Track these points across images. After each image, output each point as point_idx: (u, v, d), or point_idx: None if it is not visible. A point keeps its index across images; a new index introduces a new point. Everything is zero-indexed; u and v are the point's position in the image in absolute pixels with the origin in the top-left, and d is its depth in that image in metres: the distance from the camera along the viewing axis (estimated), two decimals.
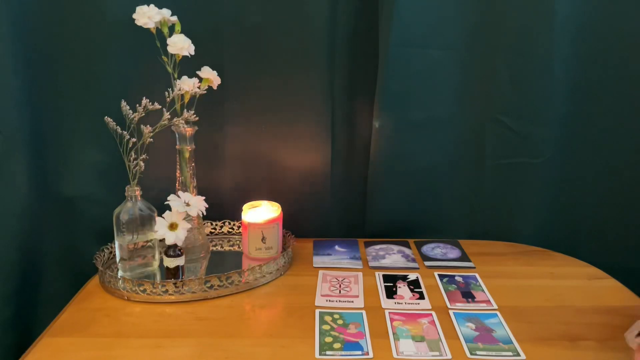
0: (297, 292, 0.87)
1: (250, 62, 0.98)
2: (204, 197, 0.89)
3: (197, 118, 0.87)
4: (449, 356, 0.70)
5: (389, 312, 0.81)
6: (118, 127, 0.84)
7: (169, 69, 0.86)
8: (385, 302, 0.84)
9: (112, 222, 0.88)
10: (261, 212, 0.96)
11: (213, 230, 1.06)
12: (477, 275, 0.93)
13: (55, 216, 0.97)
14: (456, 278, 0.92)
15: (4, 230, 0.87)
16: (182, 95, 0.86)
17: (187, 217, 0.88)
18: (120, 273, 0.90)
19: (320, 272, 0.94)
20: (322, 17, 0.95)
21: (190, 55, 0.85)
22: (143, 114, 0.84)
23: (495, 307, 0.83)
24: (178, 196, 0.88)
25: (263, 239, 0.94)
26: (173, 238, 0.85)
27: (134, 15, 0.83)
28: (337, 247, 1.03)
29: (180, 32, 0.85)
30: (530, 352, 0.71)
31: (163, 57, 0.85)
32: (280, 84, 0.99)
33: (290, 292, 0.87)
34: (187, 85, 0.85)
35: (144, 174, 0.87)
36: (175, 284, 0.83)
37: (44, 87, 0.92)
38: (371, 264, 0.97)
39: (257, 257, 0.95)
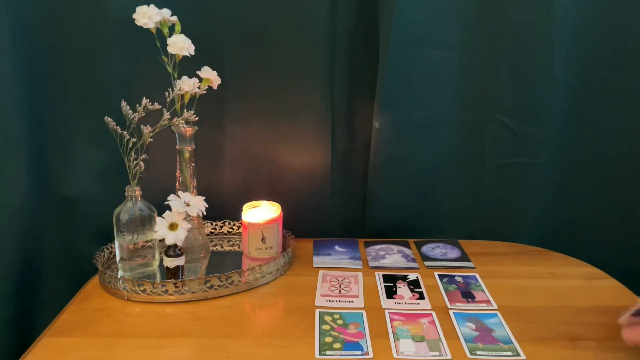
0: (297, 292, 0.87)
1: (250, 62, 0.98)
2: (204, 197, 0.89)
3: (197, 118, 0.87)
4: (449, 356, 0.70)
5: (389, 312, 0.81)
6: (118, 127, 0.84)
7: (169, 69, 0.86)
8: (385, 302, 0.84)
9: (112, 222, 0.88)
10: (261, 212, 0.96)
11: (213, 230, 1.06)
12: (477, 275, 0.93)
13: (55, 216, 0.97)
14: (456, 278, 0.92)
15: (4, 230, 0.87)
16: (182, 95, 0.86)
17: (187, 217, 0.88)
18: (120, 273, 0.90)
19: (320, 272, 0.94)
20: (322, 17, 0.95)
21: (190, 55, 0.85)
22: (143, 114, 0.84)
23: (495, 307, 0.83)
24: (178, 196, 0.88)
25: (263, 239, 0.94)
26: (173, 238, 0.85)
27: (134, 15, 0.83)
28: (337, 247, 1.03)
29: (180, 32, 0.86)
30: (530, 352, 0.71)
31: (163, 57, 0.85)
32: (280, 84, 0.99)
33: (290, 292, 0.87)
34: (187, 85, 0.85)
35: (144, 174, 0.87)
36: (175, 284, 0.83)
37: (44, 86, 0.92)
38: (371, 264, 0.97)
39: (257, 257, 0.95)
